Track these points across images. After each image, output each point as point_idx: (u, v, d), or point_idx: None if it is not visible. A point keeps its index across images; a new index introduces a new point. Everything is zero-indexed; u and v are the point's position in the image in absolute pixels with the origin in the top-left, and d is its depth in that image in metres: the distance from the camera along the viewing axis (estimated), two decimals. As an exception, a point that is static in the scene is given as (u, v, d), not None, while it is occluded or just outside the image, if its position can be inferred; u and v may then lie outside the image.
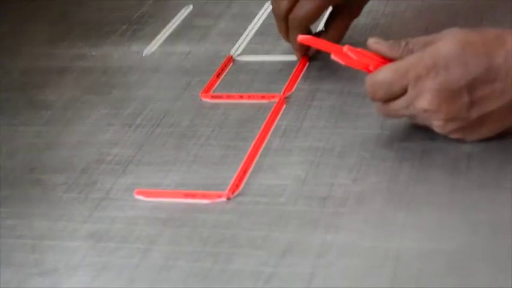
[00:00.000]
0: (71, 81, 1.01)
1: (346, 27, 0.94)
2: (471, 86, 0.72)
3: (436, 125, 0.76)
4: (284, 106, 0.89)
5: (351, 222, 0.72)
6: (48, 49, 1.09)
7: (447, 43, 0.73)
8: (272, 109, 0.88)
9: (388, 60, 0.78)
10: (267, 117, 0.87)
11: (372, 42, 0.79)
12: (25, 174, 0.85)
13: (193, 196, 0.77)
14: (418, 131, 0.80)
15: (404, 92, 0.75)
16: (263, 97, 0.91)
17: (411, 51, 0.76)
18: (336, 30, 0.94)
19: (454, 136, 0.76)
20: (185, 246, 0.71)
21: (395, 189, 0.74)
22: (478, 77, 0.72)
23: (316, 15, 0.91)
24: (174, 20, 1.12)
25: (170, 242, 0.72)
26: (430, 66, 0.73)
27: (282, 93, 0.91)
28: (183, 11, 1.14)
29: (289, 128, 0.85)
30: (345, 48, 0.79)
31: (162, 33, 1.09)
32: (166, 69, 1.01)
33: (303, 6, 0.90)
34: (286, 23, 0.92)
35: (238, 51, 1.01)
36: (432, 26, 1.00)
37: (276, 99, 0.90)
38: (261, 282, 0.66)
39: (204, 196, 0.77)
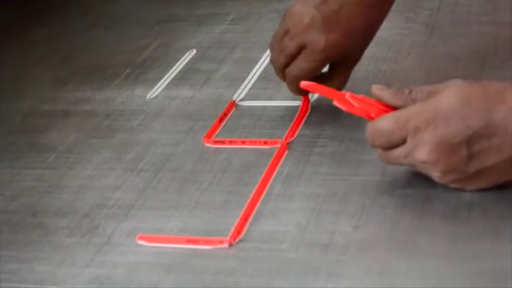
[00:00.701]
0: (74, 124, 1.01)
1: (348, 74, 0.95)
2: (470, 141, 0.72)
3: (435, 175, 0.76)
4: (286, 152, 0.89)
5: (353, 270, 0.71)
6: (51, 93, 1.10)
7: (448, 96, 0.73)
8: (274, 155, 0.88)
9: (390, 108, 0.78)
10: (269, 163, 0.87)
11: (376, 88, 0.79)
12: (27, 217, 0.85)
13: (196, 242, 0.77)
14: (419, 178, 0.80)
15: (403, 141, 0.75)
16: (265, 143, 0.91)
17: (414, 100, 0.76)
18: (338, 79, 0.93)
19: (452, 186, 0.77)
20: (187, 292, 0.72)
21: (397, 237, 0.74)
22: (477, 132, 0.72)
23: (311, 74, 0.90)
24: (177, 64, 1.12)
25: (172, 289, 0.72)
26: (430, 118, 0.73)
27: (284, 139, 0.91)
28: (186, 55, 1.15)
29: (291, 174, 0.85)
30: (347, 95, 0.80)
31: (165, 77, 1.09)
32: (169, 114, 1.01)
33: (299, 65, 0.90)
34: (284, 74, 0.93)
35: (241, 96, 1.02)
36: (433, 72, 1.00)
37: (278, 145, 0.90)
38: (263, 330, 0.66)
39: (206, 242, 0.77)
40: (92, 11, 1.36)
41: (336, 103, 0.80)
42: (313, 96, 0.98)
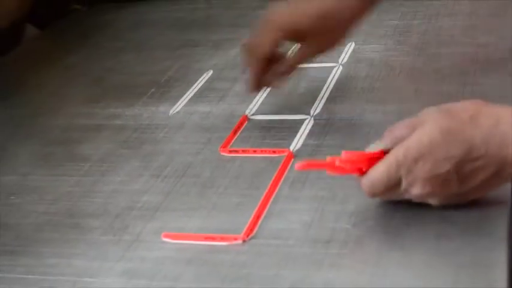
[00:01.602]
0: (106, 137, 1.01)
1: (303, 58, 0.96)
2: (457, 167, 0.71)
3: (434, 203, 0.75)
4: (292, 160, 0.89)
5: (351, 262, 0.72)
6: (86, 109, 1.10)
7: (428, 132, 0.72)
8: (282, 162, 0.89)
9: (376, 154, 0.75)
10: (278, 170, 0.87)
11: (368, 148, 0.77)
12: (65, 219, 0.85)
13: (213, 239, 0.77)
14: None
15: (399, 182, 0.73)
16: (274, 152, 0.91)
17: (400, 139, 0.74)
18: (294, 57, 0.96)
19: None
20: (206, 283, 0.72)
21: (390, 233, 0.75)
22: (462, 159, 0.71)
23: (268, 46, 0.93)
24: (196, 84, 1.12)
25: (193, 280, 0.73)
26: (417, 157, 0.71)
27: (290, 149, 0.91)
28: (204, 75, 1.15)
29: (297, 179, 0.85)
30: (337, 161, 0.76)
31: (185, 95, 1.10)
32: (189, 127, 1.01)
33: (259, 37, 0.94)
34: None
35: (252, 111, 1.02)
36: (421, 88, 1.00)
37: (285, 154, 0.90)
38: (272, 315, 0.67)
39: (222, 239, 0.77)
40: (120, 37, 1.36)
41: (329, 173, 0.77)
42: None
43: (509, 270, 0.68)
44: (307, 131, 0.94)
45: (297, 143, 0.92)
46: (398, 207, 0.77)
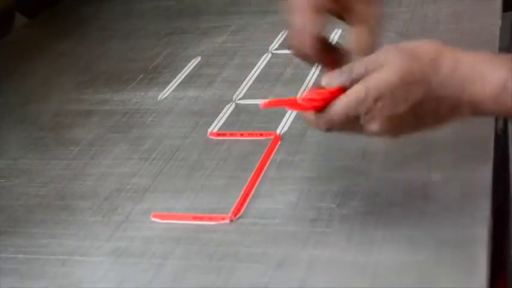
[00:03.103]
0: (95, 122, 1.02)
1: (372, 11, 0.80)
2: (414, 107, 0.71)
3: (387, 137, 0.75)
4: (279, 142, 0.90)
5: (336, 240, 0.73)
6: (75, 95, 1.11)
7: (388, 74, 0.71)
8: (269, 145, 0.90)
9: (334, 92, 0.73)
10: (264, 152, 0.88)
11: (325, 83, 0.74)
12: (56, 200, 0.86)
13: (201, 218, 0.78)
14: (392, 163, 0.82)
15: (357, 118, 0.72)
16: (261, 135, 0.92)
17: (356, 79, 0.72)
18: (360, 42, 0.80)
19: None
20: (194, 261, 0.73)
21: (374, 211, 0.76)
22: (419, 100, 0.71)
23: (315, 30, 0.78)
24: (184, 70, 1.13)
25: (181, 258, 0.74)
26: (377, 98, 0.71)
27: (277, 132, 0.92)
28: (192, 62, 1.16)
29: (283, 161, 0.87)
30: (299, 99, 0.74)
31: (174, 81, 1.10)
32: (177, 111, 1.02)
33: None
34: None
35: (240, 96, 1.03)
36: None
37: (272, 137, 0.91)
38: (259, 291, 0.68)
39: (210, 218, 0.78)
40: (109, 25, 1.36)
41: (288, 108, 0.77)
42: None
43: (489, 247, 0.69)
44: (294, 114, 0.95)
45: (284, 126, 0.94)
46: (381, 187, 0.79)
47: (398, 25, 1.17)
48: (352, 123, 0.73)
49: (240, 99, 1.02)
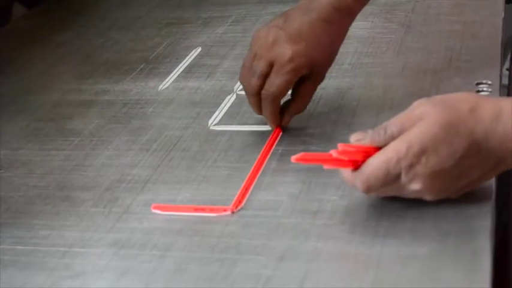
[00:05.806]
0: (96, 112, 1.02)
1: (312, 93, 0.89)
2: (459, 162, 0.69)
3: (429, 199, 0.72)
4: (280, 134, 0.90)
5: (339, 232, 0.72)
6: (75, 85, 1.10)
7: (428, 127, 0.69)
8: (270, 136, 0.89)
9: (372, 148, 0.72)
10: (266, 143, 0.88)
11: (354, 140, 0.73)
12: (57, 191, 0.86)
13: (203, 210, 0.78)
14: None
15: (397, 177, 0.70)
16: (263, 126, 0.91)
17: (392, 137, 0.70)
18: (302, 98, 0.88)
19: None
20: (195, 253, 0.73)
21: (376, 204, 0.75)
22: (464, 154, 0.69)
23: (287, 89, 0.86)
24: (185, 60, 1.13)
25: (182, 249, 0.73)
26: (420, 153, 0.68)
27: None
28: (193, 52, 1.15)
29: (285, 152, 0.86)
30: (334, 153, 0.72)
31: (174, 71, 1.10)
32: (178, 102, 1.01)
33: (273, 82, 0.85)
34: (259, 98, 0.87)
35: (241, 87, 1.01)
36: (408, 65, 1.01)
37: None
38: (261, 284, 0.67)
39: (211, 210, 0.78)
40: (109, 15, 1.36)
41: (326, 167, 0.74)
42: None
43: (492, 238, 0.69)
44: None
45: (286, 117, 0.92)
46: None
47: (400, 16, 1.17)
48: (391, 182, 0.70)
49: (241, 90, 1.00)
